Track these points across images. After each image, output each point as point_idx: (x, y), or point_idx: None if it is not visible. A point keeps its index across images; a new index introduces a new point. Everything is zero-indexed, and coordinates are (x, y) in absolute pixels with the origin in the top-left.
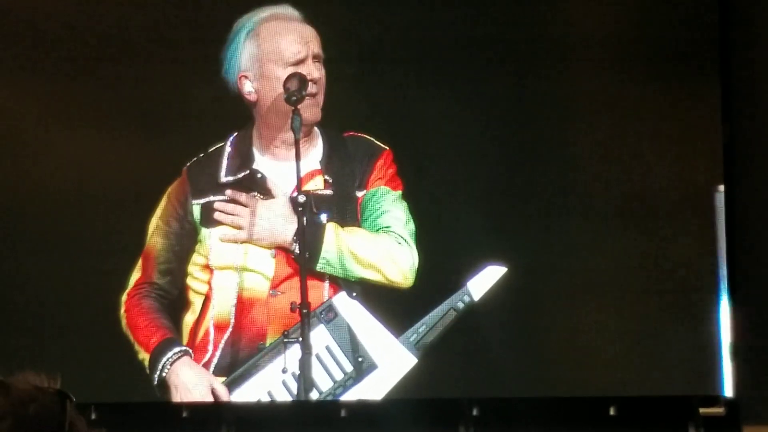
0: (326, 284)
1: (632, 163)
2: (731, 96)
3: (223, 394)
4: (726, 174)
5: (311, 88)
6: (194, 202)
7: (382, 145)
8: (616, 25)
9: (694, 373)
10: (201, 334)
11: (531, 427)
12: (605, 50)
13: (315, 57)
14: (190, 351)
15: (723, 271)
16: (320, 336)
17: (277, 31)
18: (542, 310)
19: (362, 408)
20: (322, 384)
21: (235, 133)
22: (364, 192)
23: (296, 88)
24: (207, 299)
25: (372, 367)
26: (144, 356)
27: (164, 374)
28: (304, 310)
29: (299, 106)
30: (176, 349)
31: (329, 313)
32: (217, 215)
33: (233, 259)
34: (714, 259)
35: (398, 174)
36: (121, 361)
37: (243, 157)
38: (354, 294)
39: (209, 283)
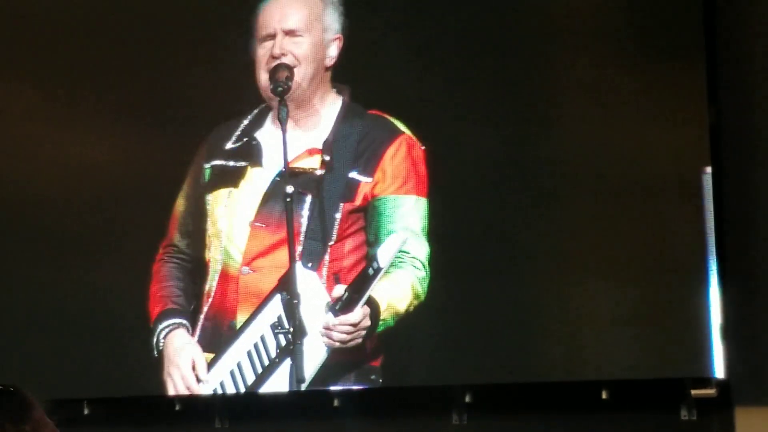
0: (298, 271)
1: (618, 145)
2: (717, 77)
3: (201, 369)
4: (713, 155)
5: (285, 60)
6: (205, 165)
7: (400, 129)
8: (601, 8)
9: (685, 355)
10: (199, 303)
11: (524, 413)
12: (589, 33)
13: (288, 32)
14: (186, 323)
15: (712, 253)
16: (276, 306)
17: (266, 7)
18: (533, 295)
19: (355, 397)
20: (271, 351)
21: (264, 104)
22: (370, 181)
23: (282, 78)
24: (207, 267)
25: (303, 333)
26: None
27: (160, 346)
28: (294, 301)
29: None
30: (171, 321)
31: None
32: (215, 181)
33: (220, 228)
34: (702, 241)
35: (415, 163)
36: (114, 356)
37: (253, 126)
38: (309, 264)
39: (209, 250)
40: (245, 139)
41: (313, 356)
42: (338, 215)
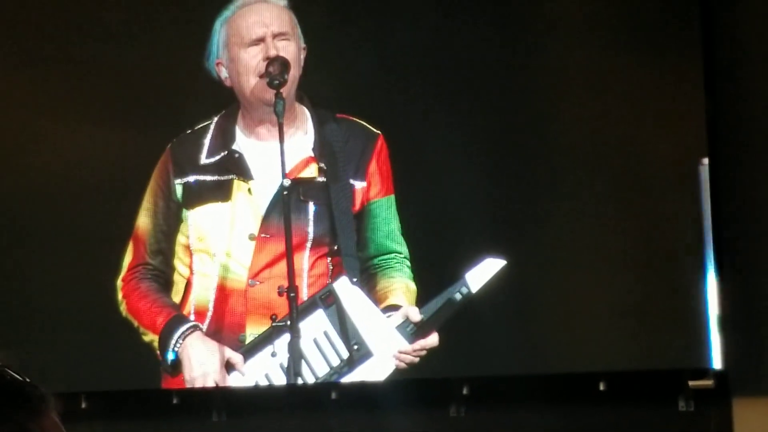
0: (305, 273)
1: (616, 138)
2: (714, 69)
3: (239, 362)
4: (710, 146)
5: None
6: (176, 181)
7: (374, 130)
8: (597, 1)
9: (683, 346)
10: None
11: (521, 405)
12: (587, 25)
13: (276, 35)
14: (201, 326)
15: (709, 244)
16: (319, 321)
17: (242, 15)
18: (530, 287)
19: (353, 390)
20: (319, 370)
21: (222, 112)
22: (363, 185)
23: (278, 72)
24: (189, 283)
25: (367, 354)
26: (152, 338)
27: (177, 350)
28: (291, 294)
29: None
30: (187, 325)
31: (329, 298)
32: (196, 196)
33: (212, 244)
34: (700, 232)
35: (391, 162)
36: (112, 350)
37: (225, 138)
38: (355, 280)
39: (190, 267)
40: (223, 153)
41: (375, 375)
42: (352, 223)
